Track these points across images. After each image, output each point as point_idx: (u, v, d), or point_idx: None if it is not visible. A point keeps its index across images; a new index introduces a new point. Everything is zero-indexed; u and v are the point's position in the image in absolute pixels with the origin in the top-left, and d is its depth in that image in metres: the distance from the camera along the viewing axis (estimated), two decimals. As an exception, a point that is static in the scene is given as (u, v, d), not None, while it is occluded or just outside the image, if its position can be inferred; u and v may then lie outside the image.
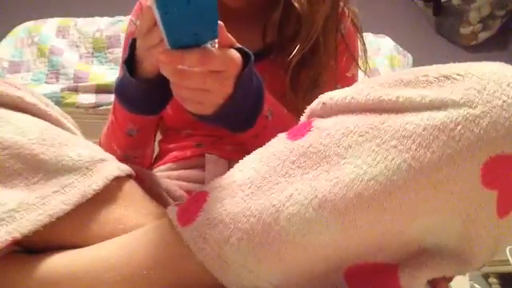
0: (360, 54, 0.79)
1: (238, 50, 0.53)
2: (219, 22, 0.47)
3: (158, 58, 0.48)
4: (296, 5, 0.66)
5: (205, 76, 0.50)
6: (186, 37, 0.46)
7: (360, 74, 0.81)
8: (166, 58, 0.48)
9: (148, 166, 0.80)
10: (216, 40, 0.49)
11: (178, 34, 0.46)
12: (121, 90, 0.63)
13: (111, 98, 1.00)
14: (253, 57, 0.54)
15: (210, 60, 0.48)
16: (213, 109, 0.54)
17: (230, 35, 0.52)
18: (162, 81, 0.53)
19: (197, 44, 0.47)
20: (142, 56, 0.56)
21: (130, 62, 0.58)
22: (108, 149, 0.69)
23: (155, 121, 0.73)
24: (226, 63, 0.51)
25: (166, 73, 0.50)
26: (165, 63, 0.49)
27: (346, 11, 0.77)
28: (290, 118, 0.63)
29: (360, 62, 0.78)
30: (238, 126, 0.61)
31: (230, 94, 0.53)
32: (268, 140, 0.51)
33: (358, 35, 0.78)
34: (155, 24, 0.48)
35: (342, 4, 0.73)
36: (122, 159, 0.62)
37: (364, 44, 0.79)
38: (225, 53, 0.50)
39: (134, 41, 0.57)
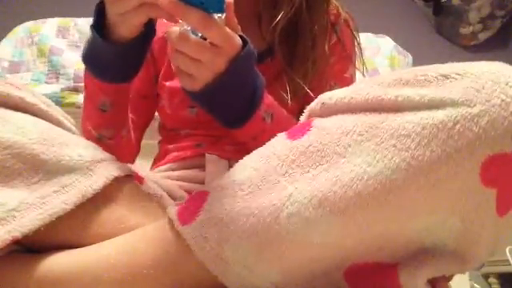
0: (357, 53, 0.79)
1: (241, 38, 0.53)
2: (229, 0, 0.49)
3: (161, 2, 0.48)
4: None
5: (201, 45, 0.51)
6: None
7: (358, 74, 0.82)
8: (170, 6, 0.48)
9: (125, 152, 0.76)
10: (223, 16, 0.50)
11: None
12: (91, 57, 0.61)
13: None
14: (252, 47, 0.55)
15: (210, 26, 0.49)
16: (201, 84, 0.54)
17: (236, 21, 0.53)
18: (137, 43, 0.55)
19: (203, 9, 0.48)
20: (116, 21, 0.55)
21: (98, 27, 0.57)
22: (84, 130, 0.69)
23: (128, 93, 0.70)
24: (225, 39, 0.51)
25: (170, 34, 0.50)
26: (167, 10, 0.48)
27: (342, 13, 0.77)
28: (292, 122, 0.63)
29: (357, 64, 0.79)
30: (228, 117, 0.61)
31: (220, 74, 0.53)
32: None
33: (354, 36, 0.79)
34: None
35: None
36: (96, 140, 0.62)
37: (360, 45, 0.79)
38: (226, 30, 0.51)
39: (99, 6, 0.56)
